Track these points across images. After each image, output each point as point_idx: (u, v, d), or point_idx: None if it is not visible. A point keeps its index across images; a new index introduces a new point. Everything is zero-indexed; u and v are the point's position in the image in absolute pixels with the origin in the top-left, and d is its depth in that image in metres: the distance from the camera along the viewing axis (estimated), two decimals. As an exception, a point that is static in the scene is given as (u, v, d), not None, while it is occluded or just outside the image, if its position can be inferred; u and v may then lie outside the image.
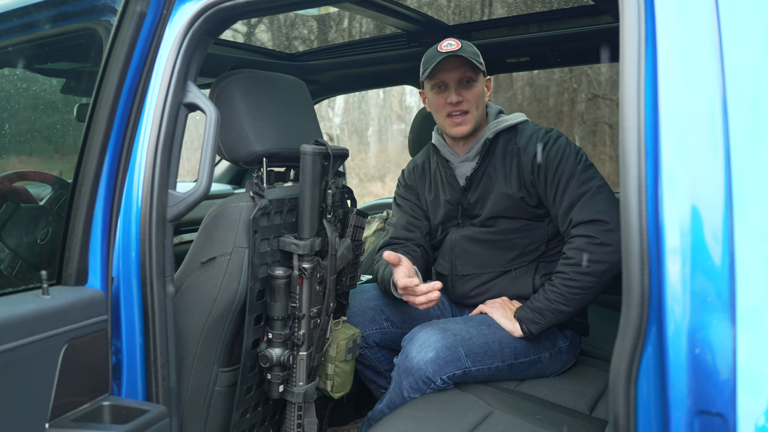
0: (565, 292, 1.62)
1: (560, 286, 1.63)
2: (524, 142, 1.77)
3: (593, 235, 1.60)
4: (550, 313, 1.65)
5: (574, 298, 1.62)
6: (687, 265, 0.82)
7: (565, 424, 1.46)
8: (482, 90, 1.81)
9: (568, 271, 1.63)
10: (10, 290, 1.09)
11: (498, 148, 1.81)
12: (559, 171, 1.69)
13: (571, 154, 1.71)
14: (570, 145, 1.74)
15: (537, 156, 1.72)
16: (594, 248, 1.59)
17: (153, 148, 1.23)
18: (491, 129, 1.82)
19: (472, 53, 1.76)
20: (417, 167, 2.00)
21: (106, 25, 1.23)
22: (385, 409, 1.65)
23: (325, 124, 10.86)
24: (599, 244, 1.59)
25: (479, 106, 1.79)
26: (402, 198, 2.01)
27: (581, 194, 1.66)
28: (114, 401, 1.14)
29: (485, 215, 1.81)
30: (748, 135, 0.81)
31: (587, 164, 1.71)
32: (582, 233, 1.62)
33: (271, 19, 2.60)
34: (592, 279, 1.60)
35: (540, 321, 1.66)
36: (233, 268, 1.38)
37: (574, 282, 1.62)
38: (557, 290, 1.64)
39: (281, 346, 1.44)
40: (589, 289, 1.61)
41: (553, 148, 1.72)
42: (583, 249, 1.60)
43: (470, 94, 1.77)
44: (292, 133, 1.51)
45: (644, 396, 0.86)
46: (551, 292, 1.65)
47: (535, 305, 1.67)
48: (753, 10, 0.82)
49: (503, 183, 1.77)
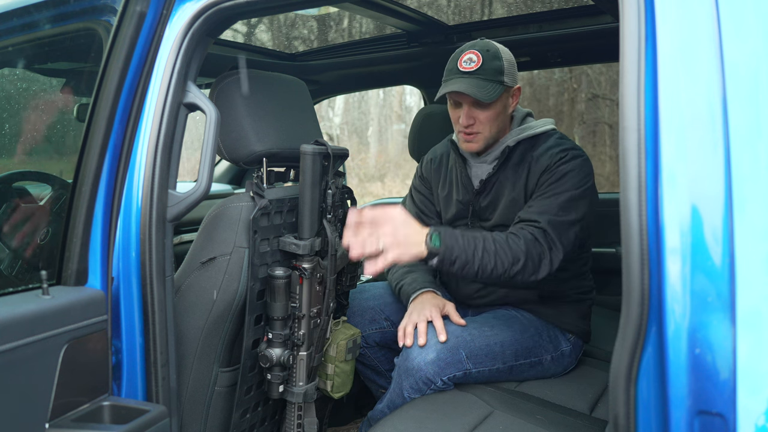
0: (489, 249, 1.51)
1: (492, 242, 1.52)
2: (539, 153, 1.71)
3: (543, 245, 1.56)
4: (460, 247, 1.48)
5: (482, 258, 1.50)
6: (687, 264, 0.82)
7: (565, 424, 1.46)
8: (501, 108, 1.70)
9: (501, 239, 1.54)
10: (10, 290, 1.09)
11: (516, 156, 1.75)
12: (551, 186, 1.65)
13: (573, 178, 1.64)
14: (581, 168, 1.66)
15: (546, 169, 1.67)
16: (534, 248, 1.54)
17: (153, 148, 1.23)
18: (513, 136, 1.75)
19: (493, 72, 1.64)
20: (435, 159, 1.97)
21: (106, 25, 1.23)
22: (385, 409, 1.65)
23: (325, 124, 10.86)
24: (540, 254, 1.55)
25: (495, 125, 1.71)
26: (416, 190, 2.00)
27: (555, 213, 1.60)
28: (114, 401, 1.14)
29: (494, 222, 1.78)
30: (748, 134, 0.81)
31: (582, 193, 1.64)
32: (535, 235, 1.57)
33: (271, 19, 2.60)
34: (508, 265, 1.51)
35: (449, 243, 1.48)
36: (233, 268, 1.38)
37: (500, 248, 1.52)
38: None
39: (281, 346, 1.44)
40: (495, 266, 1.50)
41: (561, 167, 1.65)
42: (525, 239, 1.55)
43: (484, 116, 1.68)
44: (292, 133, 1.51)
45: (644, 396, 0.86)
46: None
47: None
48: (753, 9, 0.82)
49: (512, 191, 1.73)
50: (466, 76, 1.64)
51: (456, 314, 1.66)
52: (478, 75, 1.64)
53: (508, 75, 1.67)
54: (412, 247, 1.42)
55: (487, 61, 1.64)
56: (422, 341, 1.55)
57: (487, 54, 1.66)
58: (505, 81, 1.66)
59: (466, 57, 1.66)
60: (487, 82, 1.64)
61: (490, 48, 1.68)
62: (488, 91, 1.63)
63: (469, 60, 1.65)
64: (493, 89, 1.64)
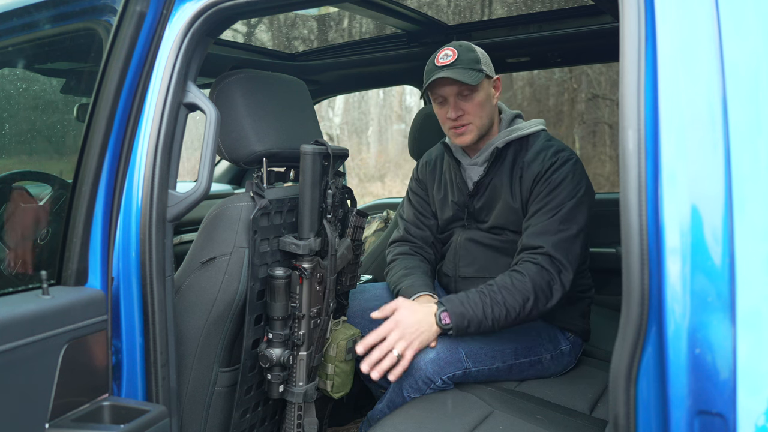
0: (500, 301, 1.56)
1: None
2: (530, 158, 1.73)
3: (551, 272, 1.59)
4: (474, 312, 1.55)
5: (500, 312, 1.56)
6: (687, 264, 0.82)
7: (565, 424, 1.46)
8: (485, 96, 1.74)
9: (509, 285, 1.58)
10: (10, 290, 1.09)
11: (507, 158, 1.77)
12: (548, 198, 1.66)
13: (568, 185, 1.65)
14: (574, 173, 1.67)
15: (538, 176, 1.69)
16: (541, 283, 1.58)
17: (153, 148, 1.23)
18: (502, 138, 1.78)
19: (470, 61, 1.69)
20: (430, 162, 2.00)
21: (106, 25, 1.23)
22: (385, 409, 1.65)
23: (325, 124, 10.86)
24: (549, 282, 1.58)
25: (483, 114, 1.75)
26: (413, 192, 2.02)
27: (557, 231, 1.62)
28: (114, 401, 1.14)
29: (491, 224, 1.80)
30: (749, 134, 0.81)
31: (579, 200, 1.65)
32: (540, 264, 1.60)
33: (271, 19, 2.60)
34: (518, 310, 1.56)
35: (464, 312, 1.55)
36: (233, 268, 1.38)
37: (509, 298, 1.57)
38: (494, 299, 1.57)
39: (281, 346, 1.44)
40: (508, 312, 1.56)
41: (555, 174, 1.67)
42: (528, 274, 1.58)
43: (470, 106, 1.72)
44: (292, 133, 1.51)
45: (644, 396, 0.86)
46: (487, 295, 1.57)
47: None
48: (753, 8, 0.82)
49: (509, 196, 1.75)
50: (446, 68, 1.69)
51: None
52: (456, 66, 1.69)
53: (485, 65, 1.73)
54: (425, 335, 1.54)
55: (462, 53, 1.71)
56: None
57: (461, 48, 1.72)
58: (483, 69, 1.71)
59: (442, 54, 1.72)
60: (467, 70, 1.69)
61: (463, 44, 1.75)
62: (471, 75, 1.68)
63: (445, 55, 1.71)
64: (474, 74, 1.68)
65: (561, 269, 1.60)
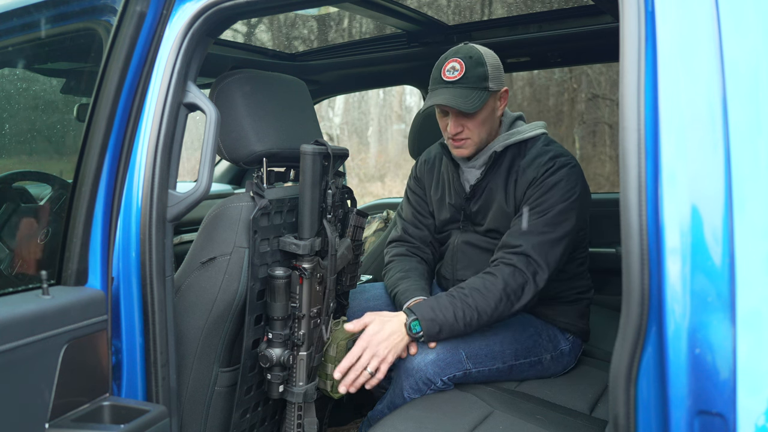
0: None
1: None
2: (526, 163, 1.71)
3: (526, 273, 1.58)
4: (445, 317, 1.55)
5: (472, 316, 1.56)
6: (687, 264, 0.82)
7: (565, 424, 1.46)
8: (488, 113, 1.70)
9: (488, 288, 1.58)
10: (10, 290, 1.09)
11: (504, 162, 1.75)
12: (539, 200, 1.65)
13: (560, 189, 1.64)
14: (568, 178, 1.65)
15: (533, 181, 1.67)
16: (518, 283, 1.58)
17: (153, 148, 1.23)
18: (500, 141, 1.76)
19: (476, 79, 1.64)
20: (429, 161, 1.99)
21: (106, 25, 1.23)
22: (385, 410, 1.65)
23: (325, 124, 10.86)
24: (522, 284, 1.58)
25: (483, 130, 1.72)
26: (411, 190, 2.02)
27: (540, 232, 1.61)
28: (114, 401, 1.14)
29: (486, 227, 1.79)
30: (748, 133, 0.81)
31: (570, 205, 1.64)
32: (513, 263, 1.59)
33: (271, 19, 2.60)
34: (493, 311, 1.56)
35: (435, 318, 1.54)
36: (233, 268, 1.38)
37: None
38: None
39: (281, 347, 1.44)
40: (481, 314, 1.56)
41: (549, 178, 1.66)
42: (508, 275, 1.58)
43: (471, 123, 1.69)
44: (292, 133, 1.51)
45: (644, 396, 0.86)
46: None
47: None
48: (753, 8, 0.82)
49: (503, 201, 1.74)
50: (450, 86, 1.66)
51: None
52: (461, 84, 1.65)
53: (493, 80, 1.67)
54: (399, 346, 1.54)
55: (470, 69, 1.65)
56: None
57: (470, 61, 1.66)
58: (490, 87, 1.67)
59: (449, 66, 1.67)
60: (471, 91, 1.64)
61: (473, 54, 1.67)
62: (472, 100, 1.64)
63: (452, 69, 1.66)
64: (477, 97, 1.65)
65: (537, 270, 1.59)
